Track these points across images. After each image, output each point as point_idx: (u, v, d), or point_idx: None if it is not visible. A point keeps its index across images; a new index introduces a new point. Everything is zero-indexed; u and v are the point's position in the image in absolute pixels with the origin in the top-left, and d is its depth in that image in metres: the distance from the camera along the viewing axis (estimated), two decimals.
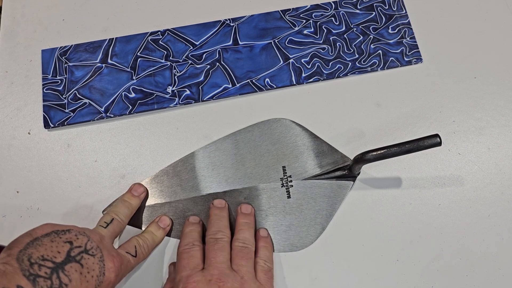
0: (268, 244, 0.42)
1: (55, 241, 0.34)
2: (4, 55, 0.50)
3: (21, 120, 0.48)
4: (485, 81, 0.49)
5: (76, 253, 0.34)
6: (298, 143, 0.46)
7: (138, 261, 0.40)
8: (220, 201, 0.43)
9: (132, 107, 0.47)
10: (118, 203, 0.42)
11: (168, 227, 0.43)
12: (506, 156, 0.46)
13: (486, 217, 0.44)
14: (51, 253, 0.33)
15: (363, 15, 0.51)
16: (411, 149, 0.38)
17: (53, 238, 0.34)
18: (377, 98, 0.48)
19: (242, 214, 0.43)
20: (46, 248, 0.33)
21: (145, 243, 0.41)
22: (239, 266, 0.38)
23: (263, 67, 0.49)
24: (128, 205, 0.42)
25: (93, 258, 0.34)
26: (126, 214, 0.41)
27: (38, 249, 0.32)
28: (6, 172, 0.46)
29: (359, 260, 0.43)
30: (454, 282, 0.42)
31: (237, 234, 0.41)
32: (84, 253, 0.34)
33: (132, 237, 0.41)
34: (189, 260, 0.38)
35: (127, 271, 0.38)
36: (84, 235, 0.35)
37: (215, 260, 0.38)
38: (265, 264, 0.40)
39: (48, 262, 0.32)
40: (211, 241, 0.40)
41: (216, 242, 0.39)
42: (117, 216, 0.40)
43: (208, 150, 0.46)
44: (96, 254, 0.35)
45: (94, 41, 0.50)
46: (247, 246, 0.40)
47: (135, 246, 0.40)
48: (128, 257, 0.38)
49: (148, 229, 0.42)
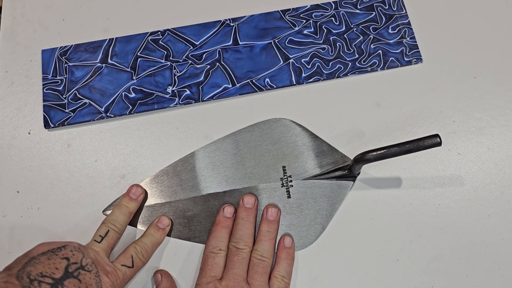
0: (290, 257, 0.42)
1: (52, 258, 0.34)
2: (4, 55, 0.50)
3: (21, 120, 0.48)
4: (485, 81, 0.49)
5: (73, 269, 0.34)
6: (298, 143, 0.46)
7: (137, 270, 0.40)
8: (250, 199, 0.43)
9: (132, 107, 0.47)
10: (115, 210, 0.42)
11: (168, 227, 0.43)
12: (506, 156, 0.46)
13: (486, 217, 0.44)
14: (50, 270, 0.33)
15: (363, 15, 0.51)
16: (411, 149, 0.38)
17: (50, 256, 0.34)
18: (377, 98, 0.48)
19: (266, 221, 0.42)
20: (44, 265, 0.33)
21: (143, 249, 0.41)
22: (253, 280, 0.39)
23: (263, 67, 0.49)
24: (125, 211, 0.42)
25: (89, 274, 0.35)
26: (124, 221, 0.42)
27: (36, 267, 0.33)
28: (6, 172, 0.46)
29: (359, 260, 0.43)
30: (454, 282, 0.42)
31: (257, 244, 0.41)
32: (80, 269, 0.35)
33: (129, 246, 0.41)
34: (212, 266, 0.40)
35: (124, 283, 0.39)
36: (79, 251, 0.36)
37: (232, 272, 0.39)
38: (282, 280, 0.40)
39: (47, 278, 0.33)
40: (233, 250, 0.40)
41: (237, 253, 0.40)
42: (114, 225, 0.41)
43: (208, 150, 0.46)
44: (91, 270, 0.35)
45: (94, 41, 0.50)
46: (264, 260, 0.40)
47: (131, 256, 0.40)
48: (123, 270, 0.38)
49: (147, 232, 0.42)
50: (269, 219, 0.43)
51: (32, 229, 0.44)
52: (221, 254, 0.40)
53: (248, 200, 0.43)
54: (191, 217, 0.44)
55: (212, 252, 0.40)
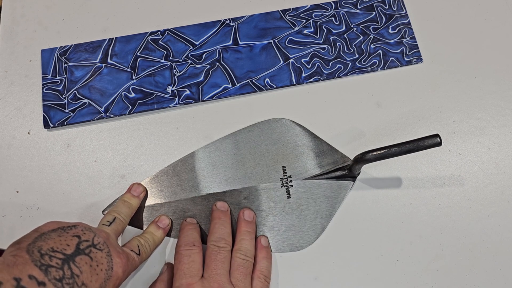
0: (269, 255, 0.42)
1: (63, 236, 0.34)
2: (4, 55, 0.50)
3: (20, 120, 0.48)
4: (485, 81, 0.49)
5: (85, 247, 0.34)
6: (298, 143, 0.46)
7: (142, 260, 0.40)
8: (223, 204, 0.43)
9: (132, 107, 0.47)
10: (119, 203, 0.42)
11: (168, 226, 0.43)
12: (506, 156, 0.46)
13: (486, 217, 0.44)
14: (61, 246, 0.32)
15: (363, 15, 0.51)
16: (411, 149, 0.38)
17: (60, 233, 0.34)
18: (377, 98, 0.48)
19: (244, 221, 0.42)
20: (55, 241, 0.33)
21: (147, 243, 0.41)
22: (238, 281, 0.38)
23: (263, 67, 0.49)
24: (128, 205, 0.42)
25: (101, 253, 0.34)
26: (128, 213, 0.41)
27: (47, 242, 0.32)
28: (6, 172, 0.46)
29: (359, 260, 0.43)
30: (454, 282, 0.42)
31: (239, 243, 0.41)
32: (92, 247, 0.34)
33: (133, 237, 0.41)
34: (190, 265, 0.38)
35: (133, 269, 0.38)
36: (90, 231, 0.36)
37: (215, 272, 0.38)
38: (265, 280, 0.40)
39: (58, 253, 0.32)
40: (214, 249, 0.40)
41: (219, 252, 0.39)
42: (119, 215, 0.40)
43: (208, 150, 0.46)
44: (103, 249, 0.35)
45: (94, 41, 0.50)
46: (247, 259, 0.40)
47: (137, 245, 0.40)
48: (133, 254, 0.38)
49: (148, 230, 0.42)
50: (247, 219, 0.43)
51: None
52: (195, 250, 0.39)
53: (221, 204, 0.43)
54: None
55: (185, 249, 0.39)
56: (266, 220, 0.43)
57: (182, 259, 0.39)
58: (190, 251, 0.39)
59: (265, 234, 0.43)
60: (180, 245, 0.40)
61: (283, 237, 0.43)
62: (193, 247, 0.40)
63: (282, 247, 0.43)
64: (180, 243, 0.40)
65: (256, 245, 0.42)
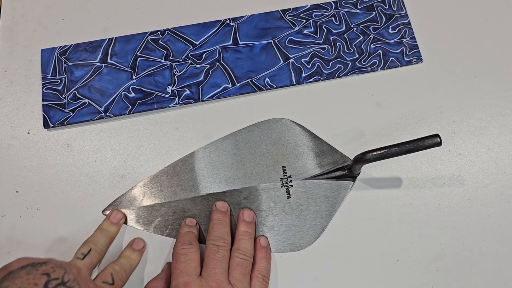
0: (268, 255, 0.42)
1: (31, 274, 0.33)
2: (4, 55, 0.50)
3: (20, 120, 0.48)
4: (485, 81, 0.49)
5: (53, 285, 0.33)
6: (298, 143, 0.46)
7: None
8: (223, 204, 0.43)
9: (132, 107, 0.47)
10: (96, 232, 0.42)
11: (143, 248, 0.43)
12: (506, 156, 0.46)
13: (486, 217, 0.44)
14: (28, 285, 0.32)
15: (363, 15, 0.51)
16: (411, 149, 0.38)
17: (29, 270, 0.33)
18: (377, 98, 0.48)
19: (244, 222, 0.42)
20: (22, 280, 0.32)
21: (122, 268, 0.40)
22: (237, 281, 0.38)
23: (263, 67, 0.49)
24: (106, 233, 0.42)
25: None
26: (105, 243, 0.41)
27: (14, 282, 0.32)
28: (5, 172, 0.46)
29: (359, 260, 0.43)
30: (454, 282, 0.42)
31: (238, 243, 0.41)
32: (61, 285, 0.33)
33: (107, 265, 0.40)
34: (187, 263, 0.38)
35: None
36: (61, 268, 0.35)
37: (214, 271, 0.38)
38: (263, 280, 0.40)
39: None
40: (212, 248, 0.39)
41: (217, 251, 0.39)
42: (95, 246, 0.40)
43: (208, 150, 0.46)
44: (73, 286, 0.34)
45: (94, 41, 0.50)
46: (246, 259, 0.40)
47: (111, 273, 0.39)
48: (105, 287, 0.38)
49: (123, 254, 0.42)
50: (247, 220, 0.42)
51: (31, 229, 0.44)
52: (192, 249, 0.39)
53: (221, 204, 0.43)
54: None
55: (183, 248, 0.39)
56: (266, 220, 0.43)
57: (179, 258, 0.39)
58: (187, 249, 0.39)
59: (265, 234, 0.43)
60: (177, 245, 0.40)
61: (283, 237, 0.43)
62: (190, 246, 0.40)
63: (282, 247, 0.43)
64: (177, 243, 0.40)
65: (256, 245, 0.42)
